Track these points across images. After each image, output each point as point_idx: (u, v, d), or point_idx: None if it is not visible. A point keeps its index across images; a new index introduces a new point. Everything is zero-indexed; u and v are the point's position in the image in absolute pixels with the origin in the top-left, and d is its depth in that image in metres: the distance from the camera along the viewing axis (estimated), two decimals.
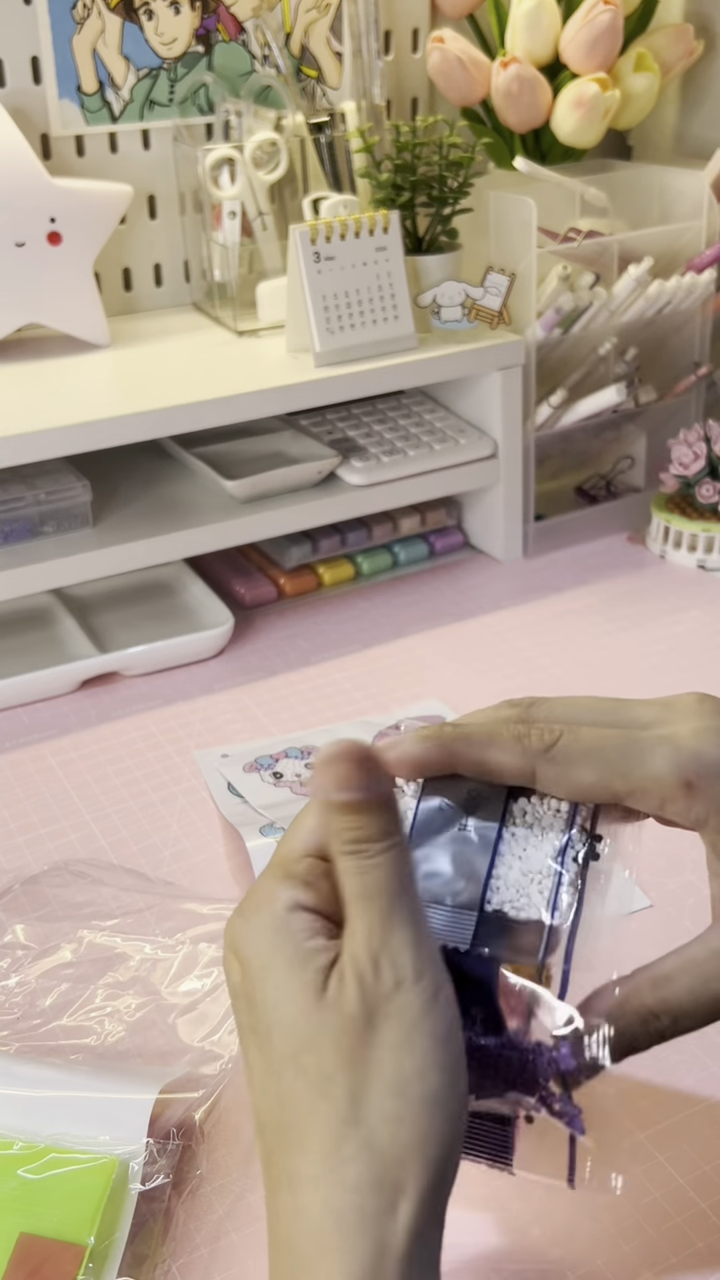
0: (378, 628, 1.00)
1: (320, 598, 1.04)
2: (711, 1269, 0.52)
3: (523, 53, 1.06)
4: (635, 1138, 0.57)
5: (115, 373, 0.98)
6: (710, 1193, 0.55)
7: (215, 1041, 0.61)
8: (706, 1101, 0.59)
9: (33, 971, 0.65)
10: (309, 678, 0.94)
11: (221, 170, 1.03)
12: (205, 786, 0.82)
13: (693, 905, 0.70)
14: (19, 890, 0.71)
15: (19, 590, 0.91)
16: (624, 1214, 0.54)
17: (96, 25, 1.02)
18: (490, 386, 1.03)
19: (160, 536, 0.94)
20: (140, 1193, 0.53)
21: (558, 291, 1.02)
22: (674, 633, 0.97)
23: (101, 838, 0.77)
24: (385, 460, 1.01)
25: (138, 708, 0.90)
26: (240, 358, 1.00)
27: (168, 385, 0.94)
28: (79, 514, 0.95)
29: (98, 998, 0.63)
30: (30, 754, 0.86)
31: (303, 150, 1.06)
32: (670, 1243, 0.53)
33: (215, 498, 0.99)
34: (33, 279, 0.97)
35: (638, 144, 1.26)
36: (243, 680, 0.94)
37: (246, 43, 1.08)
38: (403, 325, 0.98)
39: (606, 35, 1.03)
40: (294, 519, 0.99)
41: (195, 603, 1.00)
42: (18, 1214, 0.51)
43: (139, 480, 1.02)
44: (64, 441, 0.87)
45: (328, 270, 0.95)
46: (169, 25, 1.04)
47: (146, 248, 1.10)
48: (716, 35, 1.16)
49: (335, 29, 1.11)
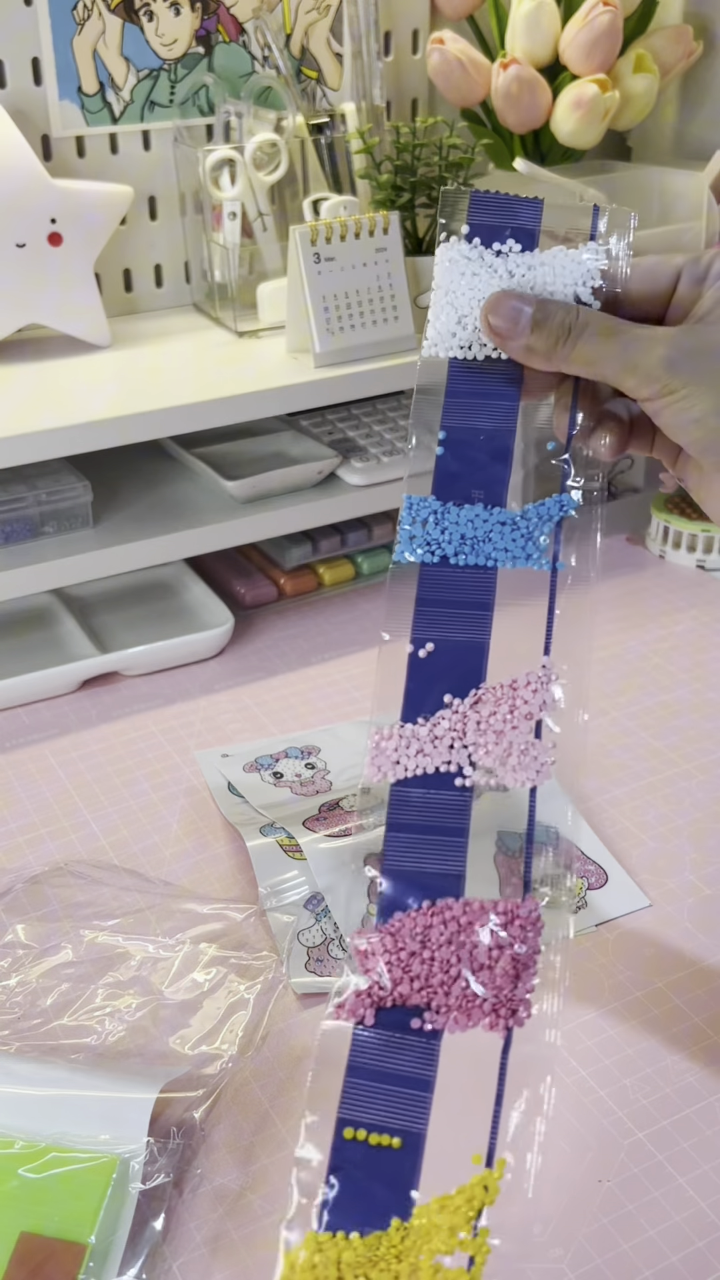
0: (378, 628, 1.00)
1: (320, 598, 1.05)
2: (711, 1268, 0.52)
3: (522, 54, 1.06)
4: (635, 1137, 0.57)
5: (116, 373, 0.98)
6: (710, 1192, 0.55)
7: (215, 1042, 0.61)
8: (706, 1100, 0.59)
9: (33, 971, 0.65)
10: (309, 678, 0.94)
11: (222, 171, 1.03)
12: (205, 786, 0.82)
13: (692, 905, 0.70)
14: (19, 890, 0.71)
15: (19, 590, 0.91)
16: (624, 1214, 0.54)
17: (97, 26, 1.02)
18: None
19: (160, 536, 0.94)
20: (141, 1192, 0.53)
21: None
22: (674, 633, 0.97)
23: (102, 837, 0.77)
24: (385, 460, 1.02)
25: (138, 708, 0.90)
26: (240, 358, 1.00)
27: (168, 385, 0.94)
28: (79, 514, 0.95)
29: (98, 997, 0.64)
30: (30, 754, 0.86)
31: (303, 151, 1.06)
32: (670, 1243, 0.53)
33: (215, 498, 0.99)
34: (33, 280, 0.97)
35: (637, 145, 1.26)
36: (243, 680, 0.94)
37: (247, 44, 1.08)
38: (403, 326, 0.98)
39: (606, 36, 1.03)
40: (294, 519, 0.99)
41: (195, 603, 1.00)
42: (19, 1213, 0.51)
43: (139, 480, 1.02)
44: (65, 442, 0.87)
45: (328, 271, 0.95)
46: (169, 26, 1.04)
47: (147, 249, 1.11)
48: (716, 36, 1.16)
49: (335, 30, 1.11)
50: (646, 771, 0.82)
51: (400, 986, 0.50)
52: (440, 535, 0.56)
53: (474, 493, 0.57)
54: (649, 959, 0.67)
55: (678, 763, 0.82)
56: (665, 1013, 0.63)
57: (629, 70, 1.08)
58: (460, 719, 0.54)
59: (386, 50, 1.14)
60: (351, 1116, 0.48)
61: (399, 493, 1.03)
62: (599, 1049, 0.62)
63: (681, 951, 0.67)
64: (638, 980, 0.65)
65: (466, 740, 0.53)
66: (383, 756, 0.54)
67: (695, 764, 0.82)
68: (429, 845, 0.53)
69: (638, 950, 0.68)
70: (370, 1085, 0.49)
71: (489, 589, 0.56)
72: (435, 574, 0.56)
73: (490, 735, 0.53)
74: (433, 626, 0.56)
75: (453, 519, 0.56)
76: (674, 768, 0.82)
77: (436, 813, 0.53)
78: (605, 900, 0.71)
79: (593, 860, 0.73)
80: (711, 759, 0.83)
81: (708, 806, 0.78)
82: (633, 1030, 0.63)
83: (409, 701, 0.54)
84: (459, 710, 0.54)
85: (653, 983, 0.65)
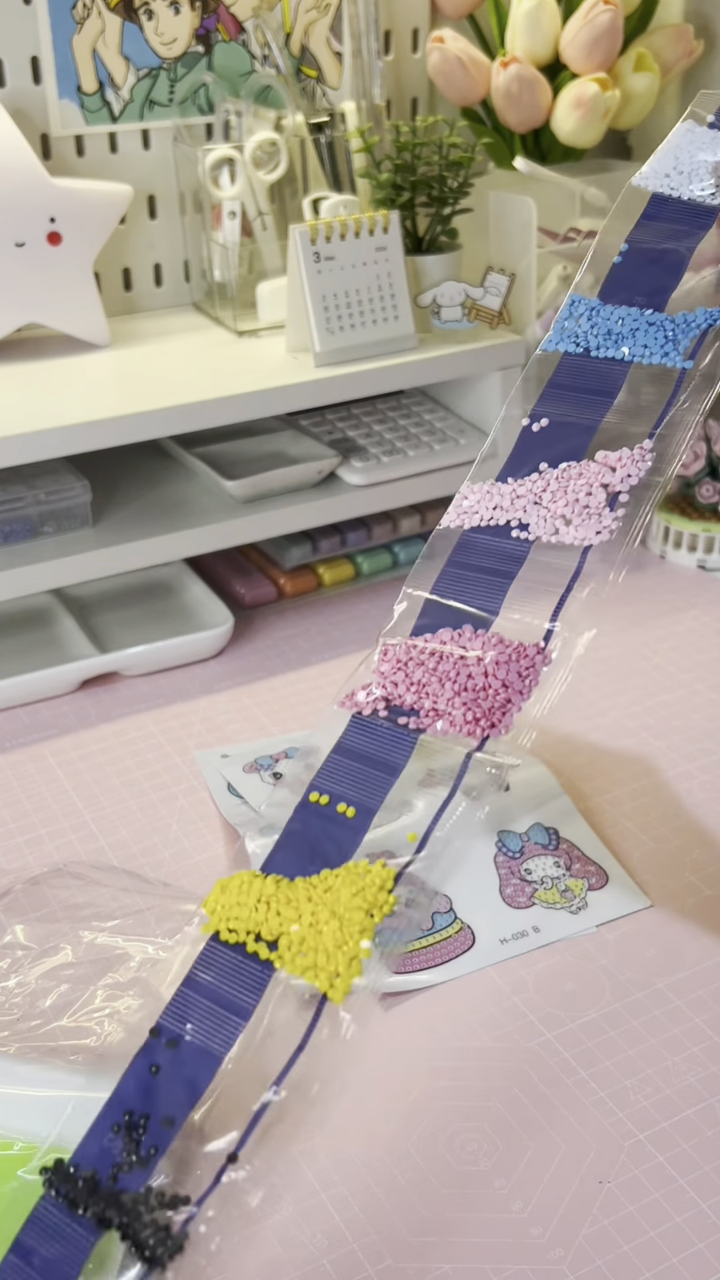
0: (378, 628, 1.00)
1: (320, 598, 1.04)
2: (712, 1269, 0.52)
3: (523, 53, 1.06)
4: (636, 1139, 0.57)
5: (115, 373, 0.98)
6: (711, 1194, 0.55)
7: None
8: (707, 1101, 0.59)
9: (33, 972, 0.65)
10: (309, 678, 0.94)
11: (221, 170, 1.03)
12: (205, 786, 0.81)
13: (693, 905, 0.70)
14: (19, 891, 0.71)
15: (19, 590, 0.91)
16: (624, 1214, 0.54)
17: (96, 25, 1.01)
18: (490, 386, 1.03)
19: (160, 536, 0.94)
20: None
21: (558, 291, 1.02)
22: (674, 633, 0.97)
23: (101, 838, 0.77)
24: (385, 460, 1.01)
25: (138, 708, 0.90)
26: (240, 358, 1.00)
27: (168, 385, 0.94)
28: (79, 514, 0.95)
29: (98, 998, 0.63)
30: (30, 754, 0.86)
31: (303, 150, 1.06)
32: (671, 1244, 0.53)
33: (215, 498, 0.99)
34: (33, 279, 0.97)
35: (638, 144, 1.26)
36: (243, 680, 0.94)
37: (246, 43, 1.08)
38: (403, 325, 0.98)
39: (606, 35, 1.03)
40: (294, 519, 0.99)
41: (195, 603, 1.00)
42: (18, 1214, 0.51)
43: (139, 480, 1.02)
44: (64, 441, 0.87)
45: (328, 270, 0.95)
46: (169, 25, 1.04)
47: (146, 248, 1.10)
48: (716, 35, 1.16)
49: (335, 29, 1.11)
50: (646, 772, 0.82)
51: (402, 690, 0.57)
52: (589, 329, 0.64)
53: (636, 298, 0.65)
54: (650, 960, 0.67)
55: (678, 763, 0.82)
56: (666, 1014, 0.63)
57: (629, 69, 1.08)
58: (545, 482, 0.60)
59: (386, 49, 1.14)
60: (324, 785, 0.56)
61: (399, 493, 1.04)
62: (599, 1050, 0.61)
63: (682, 952, 0.67)
64: (638, 981, 0.65)
65: (543, 499, 0.60)
66: (463, 505, 0.62)
67: (695, 764, 0.82)
68: (477, 583, 0.59)
69: (638, 951, 0.68)
70: (349, 763, 0.56)
71: (617, 381, 0.63)
72: (574, 363, 0.64)
73: (565, 496, 0.60)
74: (553, 405, 0.63)
75: (604, 315, 0.65)
76: (674, 768, 0.82)
77: (494, 557, 0.60)
78: (605, 901, 0.70)
79: (593, 861, 0.73)
80: (711, 759, 0.83)
81: (708, 806, 0.78)
82: (633, 1031, 0.62)
83: (508, 465, 0.62)
84: (546, 475, 0.61)
85: (653, 983, 0.65)
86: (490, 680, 0.56)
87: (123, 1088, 0.50)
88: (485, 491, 0.62)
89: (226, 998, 0.51)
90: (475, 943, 0.68)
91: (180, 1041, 0.51)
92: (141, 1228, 0.47)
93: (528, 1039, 0.62)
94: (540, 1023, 0.63)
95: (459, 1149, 0.57)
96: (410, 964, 0.66)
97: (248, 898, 0.53)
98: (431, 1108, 0.59)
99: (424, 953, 0.67)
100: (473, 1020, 0.63)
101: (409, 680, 0.57)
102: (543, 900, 0.70)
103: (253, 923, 0.52)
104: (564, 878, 0.72)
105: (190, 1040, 0.51)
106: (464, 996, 0.65)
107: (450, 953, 0.67)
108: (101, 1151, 0.49)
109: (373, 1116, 0.59)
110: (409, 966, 0.66)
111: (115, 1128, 0.49)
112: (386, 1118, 0.58)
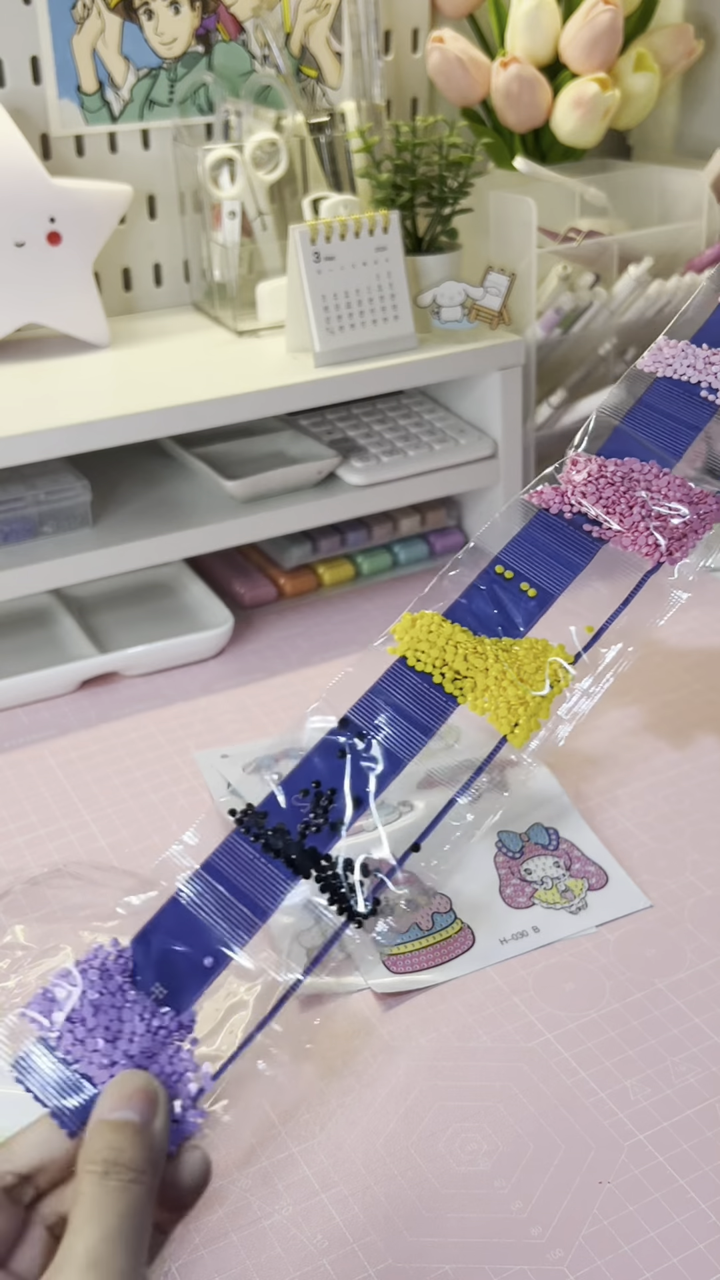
0: (378, 628, 1.00)
1: (320, 598, 1.04)
2: (712, 1269, 0.52)
3: (523, 53, 1.06)
4: (636, 1139, 0.57)
5: (115, 373, 0.98)
6: (711, 1194, 0.55)
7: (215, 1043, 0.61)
8: (707, 1101, 0.59)
9: (33, 972, 0.65)
10: (309, 678, 0.94)
11: (221, 170, 1.03)
12: (205, 786, 0.81)
13: (693, 905, 0.70)
14: (19, 891, 0.71)
15: (19, 590, 0.91)
16: (624, 1214, 0.54)
17: (96, 25, 1.01)
18: (490, 386, 1.03)
19: (160, 536, 0.94)
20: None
21: (558, 291, 1.01)
22: (674, 633, 0.97)
23: (101, 838, 0.77)
24: (385, 460, 1.01)
25: (138, 708, 0.90)
26: (240, 358, 1.00)
27: (168, 385, 0.94)
28: (79, 514, 0.95)
29: None
30: (30, 754, 0.86)
31: (302, 150, 1.06)
32: (671, 1244, 0.53)
33: (215, 498, 0.99)
34: (32, 279, 0.97)
35: (638, 144, 1.26)
36: (243, 680, 0.94)
37: (246, 43, 1.08)
38: (403, 325, 0.98)
39: (606, 35, 1.03)
40: (294, 519, 0.99)
41: (195, 603, 1.00)
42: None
43: (139, 480, 1.02)
44: (64, 441, 0.87)
45: (328, 270, 0.95)
46: (169, 25, 1.04)
47: (146, 248, 1.10)
48: (716, 35, 1.16)
49: (335, 29, 1.11)
50: (646, 772, 0.81)
51: (590, 502, 0.59)
52: None
53: None
54: (650, 960, 0.67)
55: (678, 763, 0.82)
56: (666, 1014, 0.63)
57: (629, 69, 1.08)
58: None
59: (386, 49, 1.14)
60: (510, 562, 0.58)
61: (399, 493, 1.04)
62: (600, 1050, 0.61)
63: (682, 952, 0.67)
64: (638, 981, 0.65)
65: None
66: (661, 354, 0.65)
67: (695, 764, 0.82)
68: (662, 426, 0.62)
69: (639, 951, 0.68)
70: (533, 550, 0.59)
71: None
72: None
73: None
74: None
75: None
76: (674, 768, 0.82)
77: (684, 407, 0.63)
78: (606, 901, 0.70)
79: (593, 861, 0.73)
80: (711, 759, 0.83)
81: (708, 806, 0.78)
82: (633, 1031, 0.62)
83: (705, 329, 0.65)
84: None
85: (654, 984, 0.65)
86: (673, 511, 0.59)
87: (309, 762, 0.52)
88: (680, 349, 0.65)
89: (410, 713, 0.53)
90: (475, 943, 0.68)
91: (367, 737, 0.53)
92: (341, 884, 0.49)
93: (528, 1039, 0.62)
94: (540, 1023, 0.63)
95: (459, 1149, 0.57)
96: (410, 964, 0.66)
97: (438, 637, 0.55)
98: (431, 1108, 0.59)
99: (424, 953, 0.67)
100: (473, 1020, 0.63)
101: (599, 495, 0.60)
102: (543, 900, 0.70)
103: (440, 660, 0.54)
104: (564, 878, 0.72)
105: (376, 740, 0.53)
106: (464, 996, 0.65)
107: (450, 953, 0.67)
108: (290, 808, 0.51)
109: (373, 1116, 0.59)
110: (409, 966, 0.66)
111: (303, 792, 0.51)
112: (386, 1118, 0.58)
